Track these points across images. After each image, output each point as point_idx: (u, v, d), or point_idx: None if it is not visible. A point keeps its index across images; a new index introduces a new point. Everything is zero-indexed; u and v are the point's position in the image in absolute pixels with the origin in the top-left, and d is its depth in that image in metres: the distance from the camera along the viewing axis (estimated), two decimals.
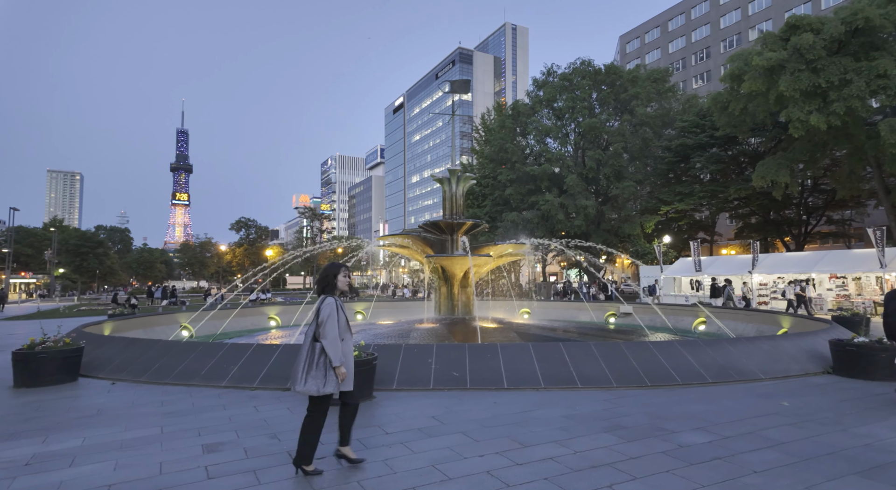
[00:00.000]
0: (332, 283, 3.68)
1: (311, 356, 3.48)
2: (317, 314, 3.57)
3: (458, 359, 6.12)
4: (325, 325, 3.49)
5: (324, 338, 3.48)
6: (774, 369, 7.00)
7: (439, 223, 14.96)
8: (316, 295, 3.74)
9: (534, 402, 5.38)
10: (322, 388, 3.44)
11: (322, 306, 3.56)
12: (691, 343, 7.09)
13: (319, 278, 3.75)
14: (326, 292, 3.67)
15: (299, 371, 3.45)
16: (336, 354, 3.47)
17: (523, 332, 12.63)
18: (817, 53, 20.89)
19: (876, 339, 7.07)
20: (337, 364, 3.47)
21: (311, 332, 3.58)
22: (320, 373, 3.43)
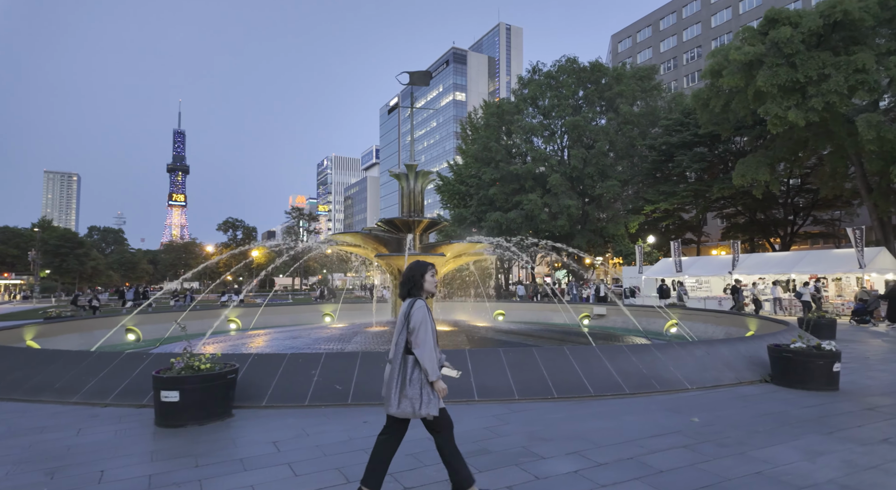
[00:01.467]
0: (419, 284, 3.17)
1: (403, 371, 2.97)
2: (406, 320, 3.03)
3: (346, 369, 5.45)
4: (419, 332, 2.98)
5: (417, 348, 2.97)
6: (704, 378, 6.38)
7: (395, 220, 14.35)
8: (399, 297, 3.23)
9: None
10: (419, 408, 2.92)
11: (413, 311, 3.04)
12: (613, 349, 6.47)
13: (403, 279, 3.23)
14: (413, 294, 3.17)
15: (392, 390, 2.95)
16: (433, 367, 2.96)
17: (475, 336, 11.99)
18: (795, 47, 20.30)
19: (814, 344, 6.45)
20: (434, 378, 2.96)
21: (401, 341, 3.04)
22: (415, 390, 2.93)
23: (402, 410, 2.92)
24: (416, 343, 2.97)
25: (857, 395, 6.10)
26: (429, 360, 2.94)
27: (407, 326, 3.02)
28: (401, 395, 2.92)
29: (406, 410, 2.91)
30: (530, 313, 23.25)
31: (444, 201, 51.09)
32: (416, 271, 3.20)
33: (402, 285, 3.20)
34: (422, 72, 15.57)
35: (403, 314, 3.06)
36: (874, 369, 7.89)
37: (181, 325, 5.38)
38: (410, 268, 3.25)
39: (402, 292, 3.20)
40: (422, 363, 2.94)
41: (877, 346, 10.99)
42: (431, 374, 2.94)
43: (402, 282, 3.21)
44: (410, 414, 2.92)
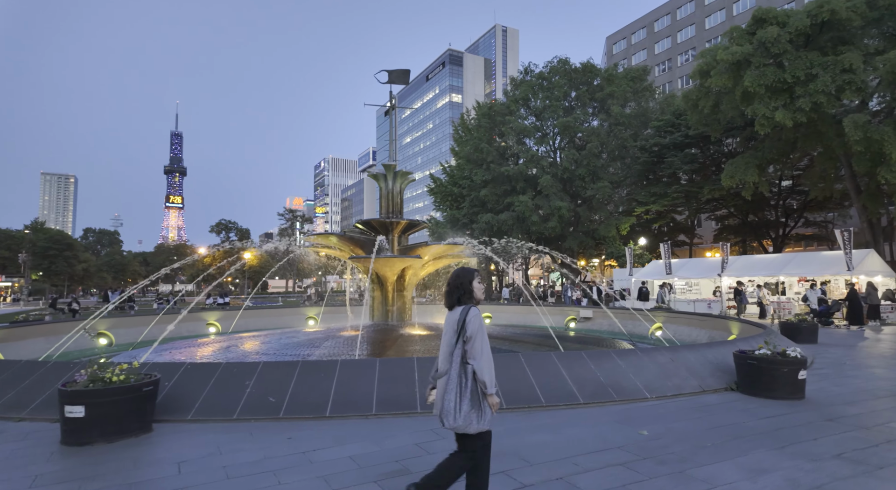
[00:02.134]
0: (469, 291, 3.05)
1: (461, 382, 2.85)
2: (462, 328, 2.89)
3: (283, 380, 5.14)
4: (475, 341, 2.85)
5: (473, 358, 2.84)
6: (665, 386, 6.11)
7: (372, 222, 14.09)
8: (447, 306, 3.09)
9: (336, 436, 4.42)
10: (478, 422, 2.82)
11: (469, 318, 2.91)
12: (571, 356, 6.19)
13: (451, 286, 3.10)
14: (463, 302, 3.03)
15: (452, 402, 2.82)
16: (491, 379, 2.84)
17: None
18: (782, 47, 20.11)
19: (780, 350, 6.19)
20: (492, 391, 2.85)
21: (458, 351, 2.90)
22: (475, 403, 2.82)
23: (462, 424, 2.80)
24: (473, 353, 2.84)
25: (822, 403, 5.84)
26: (488, 371, 2.84)
27: (462, 335, 2.88)
28: (461, 408, 2.81)
29: (467, 424, 2.80)
30: (517, 316, 22.99)
31: (437, 203, 50.89)
32: (464, 278, 3.07)
33: (449, 293, 3.07)
34: (400, 70, 15.35)
35: (456, 322, 2.92)
36: (847, 375, 7.63)
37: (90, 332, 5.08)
38: (458, 274, 3.12)
39: (451, 300, 3.05)
40: (479, 375, 2.82)
41: (857, 349, 10.74)
42: (490, 386, 2.83)
43: (449, 289, 3.08)
44: (473, 428, 2.80)
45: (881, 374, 7.81)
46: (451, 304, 3.05)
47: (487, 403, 2.86)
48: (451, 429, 2.85)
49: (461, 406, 2.80)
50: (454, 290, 3.07)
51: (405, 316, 14.03)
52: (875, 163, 19.00)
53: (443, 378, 2.91)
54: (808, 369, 8.28)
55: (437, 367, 3.00)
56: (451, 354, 2.91)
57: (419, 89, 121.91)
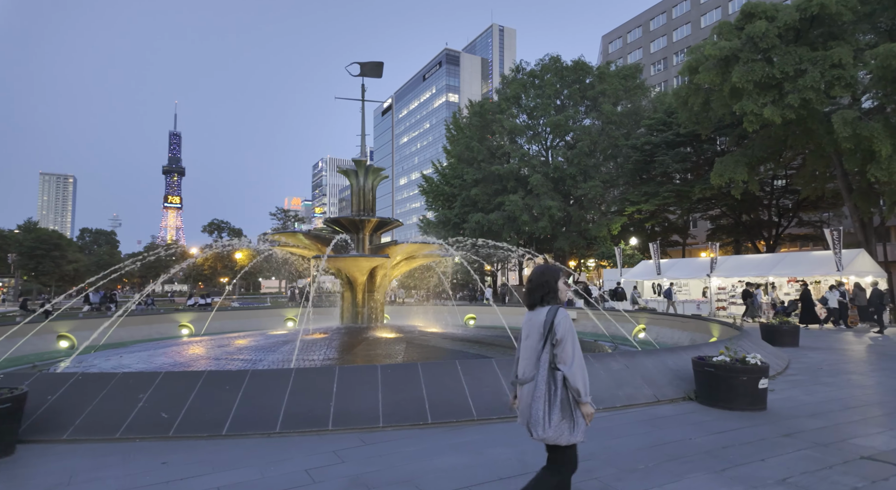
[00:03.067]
0: (555, 290, 2.86)
1: (550, 390, 2.65)
2: (550, 330, 2.69)
3: (183, 393, 4.62)
4: (566, 344, 2.65)
5: (564, 363, 2.64)
6: (615, 396, 5.62)
7: (341, 220, 13.59)
8: (527, 305, 2.90)
9: (220, 460, 3.82)
10: (571, 434, 2.63)
11: (558, 320, 2.70)
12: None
13: (534, 284, 2.87)
14: (547, 301, 2.83)
15: (541, 411, 2.62)
16: (585, 386, 2.64)
17: (417, 343, 11.25)
18: (771, 42, 19.64)
19: (740, 357, 5.70)
20: (587, 399, 2.65)
21: (545, 356, 2.68)
22: (566, 412, 2.62)
23: (552, 434, 2.61)
24: (564, 358, 2.64)
25: (783, 415, 5.36)
26: (581, 377, 2.63)
27: (550, 337, 2.67)
28: (551, 417, 2.61)
29: (558, 435, 2.61)
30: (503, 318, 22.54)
31: (429, 203, 50.45)
32: (550, 276, 2.86)
33: (531, 291, 2.85)
34: (373, 62, 14.86)
35: (541, 324, 2.72)
36: (820, 382, 7.14)
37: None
38: (542, 272, 2.88)
39: (533, 299, 2.84)
40: (572, 381, 2.61)
41: (838, 353, 10.25)
42: (584, 394, 2.63)
43: (531, 287, 2.86)
44: (565, 439, 2.61)
45: (857, 380, 7.33)
46: (533, 304, 2.84)
47: (581, 412, 2.64)
48: (540, 440, 2.66)
49: (551, 416, 2.61)
50: (537, 288, 2.84)
51: (376, 318, 13.56)
52: (865, 160, 18.51)
53: (527, 385, 2.71)
54: (782, 375, 7.81)
55: (518, 372, 2.82)
56: (537, 360, 2.70)
57: (416, 89, 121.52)
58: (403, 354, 9.68)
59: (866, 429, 4.89)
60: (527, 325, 2.86)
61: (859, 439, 4.54)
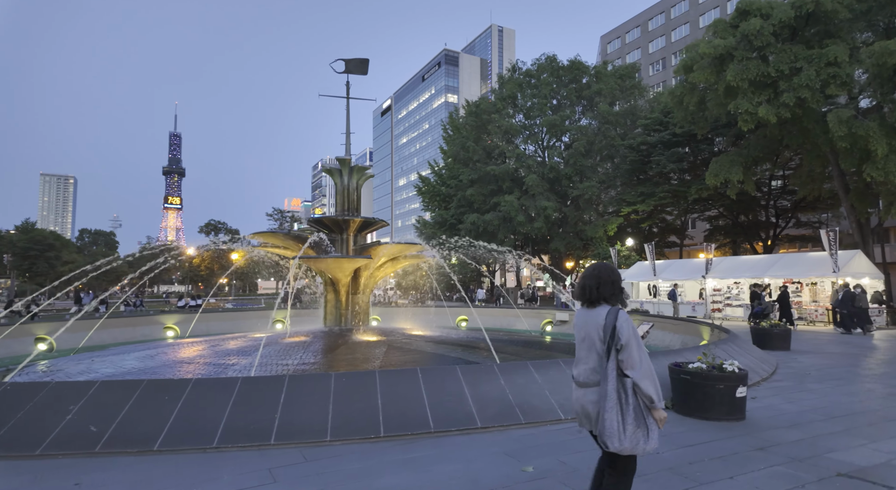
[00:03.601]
0: (615, 290, 2.69)
1: (621, 398, 2.52)
2: (612, 334, 2.55)
3: (118, 403, 4.27)
4: (631, 349, 2.52)
5: (632, 368, 2.51)
6: None
7: (324, 220, 13.37)
8: (586, 305, 2.73)
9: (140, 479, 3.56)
10: (646, 443, 2.51)
11: (620, 323, 2.56)
12: (479, 370, 5.41)
13: (592, 282, 2.70)
14: (611, 302, 2.67)
15: (614, 422, 2.47)
16: (657, 391, 2.52)
17: (398, 347, 10.99)
18: (766, 40, 19.35)
19: (717, 363, 5.41)
20: (659, 405, 2.53)
21: (612, 363, 2.54)
22: (640, 420, 2.51)
23: (629, 445, 2.47)
24: (631, 363, 2.51)
25: (762, 426, 5.07)
26: (651, 383, 2.50)
27: (613, 341, 2.52)
28: (625, 426, 2.47)
29: (633, 445, 2.47)
30: (493, 319, 22.31)
31: (425, 203, 50.19)
32: (606, 274, 2.69)
33: (586, 289, 2.69)
34: (359, 59, 14.61)
35: (601, 327, 2.57)
36: (806, 389, 6.85)
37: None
38: (599, 269, 2.73)
39: (590, 297, 2.67)
40: (642, 388, 2.48)
41: (830, 357, 9.95)
42: (657, 399, 2.50)
43: (586, 285, 2.70)
44: (640, 449, 2.48)
45: (846, 387, 7.04)
46: (593, 301, 2.67)
47: (653, 419, 2.52)
48: (616, 452, 2.50)
49: (625, 426, 2.47)
50: (598, 286, 2.67)
51: (361, 320, 13.30)
52: (862, 160, 18.21)
53: (589, 390, 2.60)
54: (768, 381, 7.53)
55: (576, 374, 2.70)
56: (599, 364, 2.57)
57: (415, 90, 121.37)
58: (381, 359, 9.41)
59: (848, 441, 4.61)
60: (583, 326, 2.70)
61: (838, 453, 4.26)
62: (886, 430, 4.98)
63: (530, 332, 19.08)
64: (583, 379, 2.65)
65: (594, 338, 2.59)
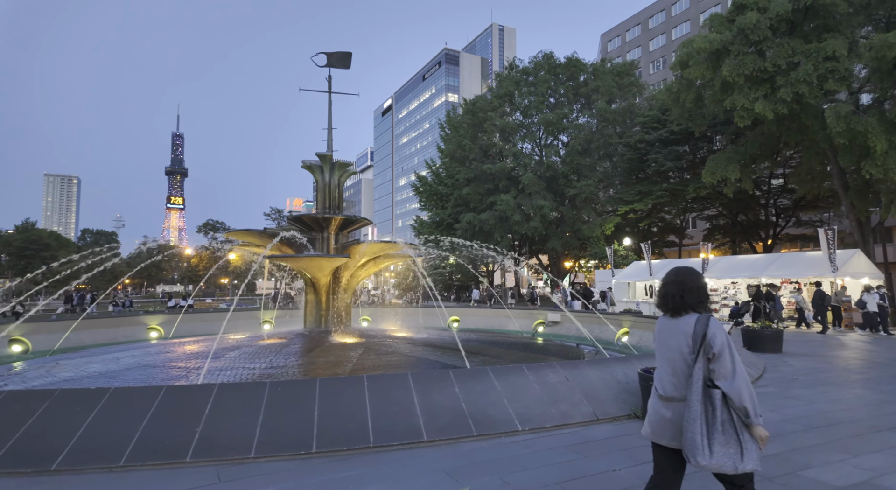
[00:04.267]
0: (707, 296, 2.55)
1: (707, 410, 2.35)
2: (703, 343, 2.38)
3: (20, 417, 3.70)
4: (724, 358, 2.35)
5: (725, 379, 2.34)
6: (547, 415, 4.95)
7: (303, 218, 13.00)
8: (668, 313, 2.57)
9: None
10: (741, 461, 2.31)
11: (712, 331, 2.41)
12: (431, 377, 5.03)
13: (676, 288, 2.54)
14: (697, 310, 2.50)
15: (697, 435, 2.31)
16: (753, 405, 2.34)
17: (375, 349, 10.63)
18: (762, 34, 18.87)
19: None
20: (756, 421, 2.34)
21: (697, 372, 2.38)
22: (730, 436, 2.32)
23: (717, 462, 2.29)
24: (724, 374, 2.35)
25: None
26: (748, 395, 2.33)
27: (703, 350, 2.37)
28: (712, 442, 2.30)
29: (723, 462, 2.29)
30: (485, 320, 21.95)
31: (422, 203, 49.85)
32: (691, 279, 2.53)
33: (670, 296, 2.53)
34: (341, 53, 14.25)
35: (688, 335, 2.42)
36: (790, 396, 6.44)
37: None
38: (682, 273, 2.56)
39: (674, 305, 2.52)
40: (737, 400, 2.31)
41: (823, 360, 9.52)
42: (753, 414, 2.33)
43: (669, 291, 2.54)
44: (730, 468, 2.29)
45: (834, 395, 6.62)
46: (677, 309, 2.50)
47: (750, 436, 2.33)
48: (702, 468, 2.33)
49: (711, 440, 2.30)
50: (677, 295, 2.51)
51: (342, 321, 12.93)
52: (861, 157, 17.73)
53: (675, 404, 2.44)
54: (756, 385, 7.11)
55: (659, 387, 2.56)
56: (684, 375, 2.43)
57: (416, 89, 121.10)
58: (353, 363, 9.05)
59: (827, 455, 4.21)
60: (665, 334, 2.55)
61: (813, 471, 3.86)
62: (871, 442, 4.58)
63: (521, 334, 18.70)
64: (669, 392, 2.49)
65: (681, 348, 2.44)
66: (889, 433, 4.85)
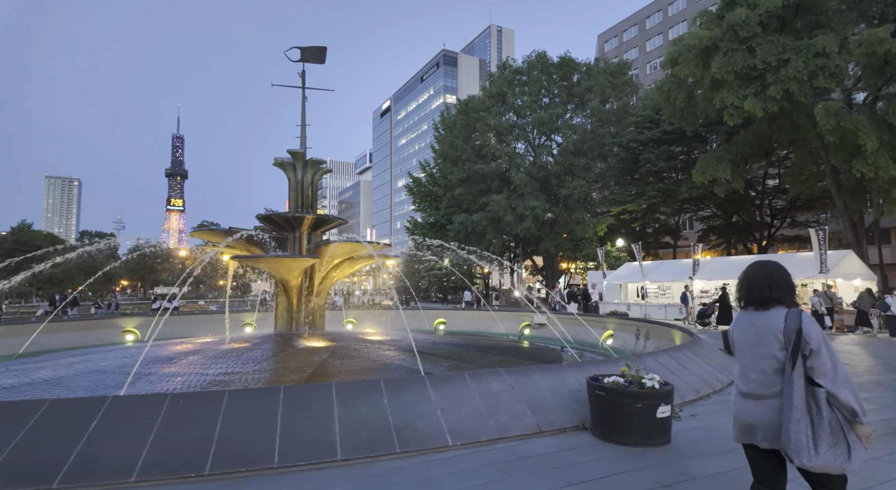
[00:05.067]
0: (794, 289, 2.51)
1: (812, 410, 2.26)
2: (799, 338, 2.30)
3: None
4: (822, 355, 2.27)
5: (825, 377, 2.27)
6: (484, 427, 4.55)
7: (273, 217, 12.61)
8: (753, 306, 2.48)
9: None
10: (847, 461, 2.22)
11: (807, 326, 2.31)
12: (360, 387, 4.62)
13: (766, 282, 2.47)
14: (786, 303, 2.44)
15: (802, 435, 2.22)
16: (859, 403, 2.26)
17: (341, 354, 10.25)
18: (752, 30, 18.50)
19: (637, 377, 4.60)
20: (864, 419, 2.27)
21: (798, 370, 2.30)
22: (838, 436, 2.22)
23: (824, 463, 2.22)
24: (823, 371, 2.28)
25: (684, 453, 4.27)
26: (851, 393, 2.27)
27: (800, 347, 2.29)
28: (818, 441, 2.22)
29: (829, 463, 2.22)
30: (472, 322, 21.61)
31: (416, 203, 49.53)
32: (785, 272, 2.51)
33: (759, 289, 2.46)
34: (315, 47, 13.89)
35: (779, 330, 2.35)
36: None
37: None
38: (773, 268, 2.51)
39: (761, 298, 2.45)
40: (842, 399, 2.25)
41: None
42: (860, 412, 2.26)
43: (759, 285, 2.46)
44: (837, 468, 2.22)
45: None
46: (761, 303, 2.44)
47: (855, 435, 2.24)
48: (807, 469, 2.27)
49: (818, 441, 2.22)
50: (764, 286, 2.45)
51: (314, 324, 12.53)
52: (852, 155, 17.32)
53: (766, 402, 2.38)
54: (720, 393, 6.71)
55: (742, 385, 2.49)
56: (773, 371, 2.37)
57: (414, 90, 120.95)
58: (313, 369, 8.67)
59: None
60: (749, 329, 2.47)
61: None
62: None
63: (507, 336, 18.33)
64: (756, 390, 2.41)
65: (770, 343, 2.36)
66: None
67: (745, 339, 2.48)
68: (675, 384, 6.25)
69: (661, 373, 6.38)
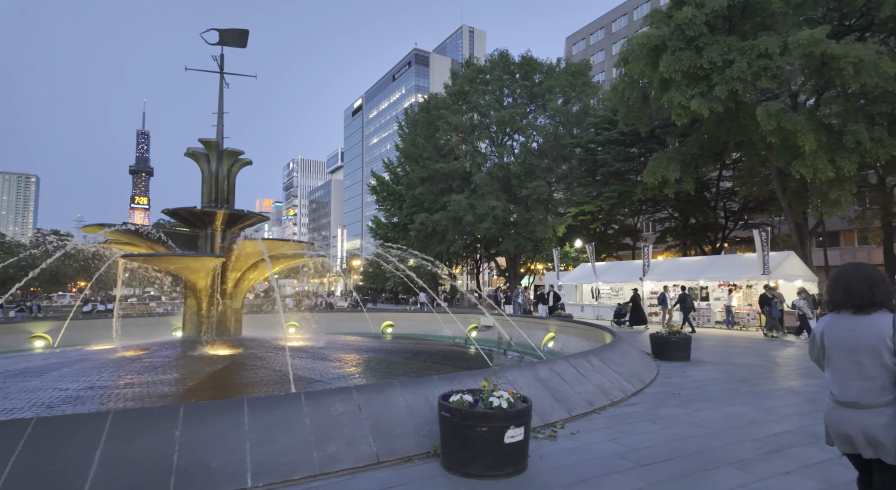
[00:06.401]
0: (892, 293, 2.30)
1: None
2: None
3: None
4: None
5: None
6: (303, 461, 3.82)
7: (180, 211, 11.55)
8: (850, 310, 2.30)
9: None
10: None
11: None
12: (148, 414, 3.85)
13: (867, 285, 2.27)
14: (890, 307, 2.26)
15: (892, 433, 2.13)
16: None
17: (243, 364, 9.38)
18: (698, 29, 18.41)
19: (485, 395, 3.96)
20: None
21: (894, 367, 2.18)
22: None
23: None
24: None
25: (533, 485, 3.65)
26: None
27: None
28: None
29: None
30: (421, 324, 20.92)
31: (379, 203, 48.66)
32: (883, 274, 2.37)
33: (860, 293, 2.28)
34: (236, 30, 12.96)
35: (889, 337, 2.19)
36: (652, 417, 5.45)
37: None
38: (872, 270, 2.33)
39: (862, 301, 2.28)
40: None
41: (728, 370, 8.69)
42: None
43: (860, 289, 2.28)
44: None
45: (704, 415, 5.70)
46: (860, 307, 2.29)
47: None
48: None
49: None
50: (864, 290, 2.28)
51: (226, 329, 11.56)
52: (792, 156, 17.37)
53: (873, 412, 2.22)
54: (624, 402, 6.16)
55: (843, 394, 2.32)
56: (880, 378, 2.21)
57: (386, 89, 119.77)
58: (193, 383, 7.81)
59: None
60: (846, 334, 2.34)
61: None
62: (698, 484, 3.62)
63: (453, 339, 17.70)
64: (860, 399, 2.29)
65: (876, 349, 2.25)
66: (721, 472, 3.91)
67: (844, 346, 2.33)
68: (565, 396, 5.67)
69: (552, 383, 5.80)
